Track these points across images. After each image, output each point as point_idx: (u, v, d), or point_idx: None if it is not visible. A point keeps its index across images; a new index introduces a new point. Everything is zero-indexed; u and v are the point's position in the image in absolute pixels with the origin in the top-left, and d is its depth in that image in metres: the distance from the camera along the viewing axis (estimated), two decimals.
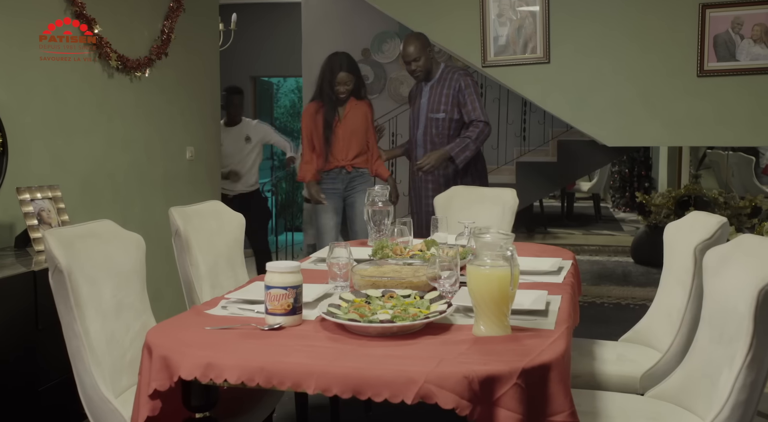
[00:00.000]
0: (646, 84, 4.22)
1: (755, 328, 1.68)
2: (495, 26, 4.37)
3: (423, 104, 4.19)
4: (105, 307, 2.12)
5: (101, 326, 2.08)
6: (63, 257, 1.97)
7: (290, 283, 1.82)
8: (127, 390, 2.13)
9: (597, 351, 2.56)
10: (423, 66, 4.12)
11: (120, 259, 2.25)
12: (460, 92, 4.07)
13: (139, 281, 2.31)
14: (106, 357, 2.07)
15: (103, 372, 2.00)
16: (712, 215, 2.50)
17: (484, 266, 1.72)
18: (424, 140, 4.18)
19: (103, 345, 2.07)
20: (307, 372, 1.53)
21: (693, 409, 1.97)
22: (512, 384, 1.46)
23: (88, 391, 1.98)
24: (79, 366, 1.98)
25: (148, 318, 2.32)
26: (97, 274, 2.11)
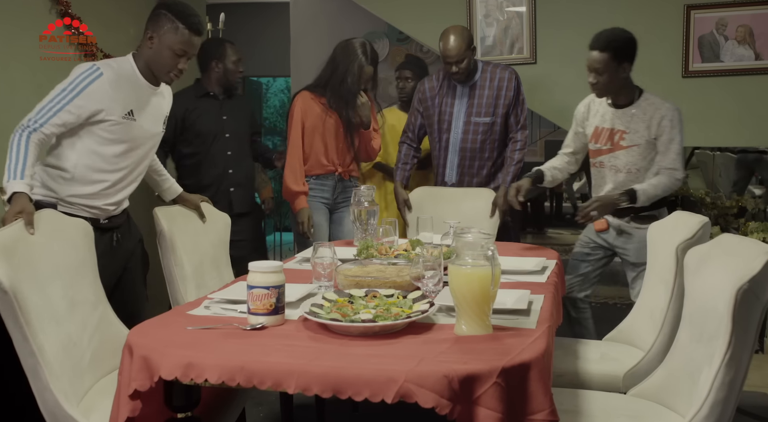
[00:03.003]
0: None
1: (733, 327, 1.69)
2: (482, 26, 4.38)
3: (461, 107, 3.60)
4: (56, 311, 2.00)
5: (55, 332, 1.96)
6: (5, 276, 1.79)
7: (272, 283, 1.82)
8: (90, 390, 2.06)
9: (580, 350, 2.57)
10: (466, 68, 3.51)
11: (67, 252, 2.13)
12: (508, 92, 3.56)
13: (90, 271, 2.23)
14: (65, 364, 1.96)
15: (63, 386, 1.89)
16: (695, 214, 2.51)
17: (465, 265, 1.73)
18: (461, 146, 3.62)
19: (60, 352, 1.95)
20: (287, 371, 1.53)
21: (674, 407, 1.99)
22: (492, 383, 1.47)
23: (51, 408, 1.87)
24: (38, 384, 1.86)
25: (104, 308, 2.25)
26: (44, 278, 1.99)
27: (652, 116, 2.85)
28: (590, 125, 3.06)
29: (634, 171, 2.95)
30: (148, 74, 2.53)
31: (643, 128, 2.87)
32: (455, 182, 3.67)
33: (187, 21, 2.44)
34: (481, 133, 3.59)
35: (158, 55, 2.47)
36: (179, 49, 2.45)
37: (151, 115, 2.58)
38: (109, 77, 2.41)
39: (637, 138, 2.89)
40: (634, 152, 2.92)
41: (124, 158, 2.53)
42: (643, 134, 2.87)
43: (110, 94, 2.40)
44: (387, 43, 7.63)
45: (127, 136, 2.49)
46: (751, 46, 3.94)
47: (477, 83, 3.60)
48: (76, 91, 2.36)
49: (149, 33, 2.48)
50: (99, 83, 2.39)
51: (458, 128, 3.63)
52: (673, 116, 2.85)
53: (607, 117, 2.97)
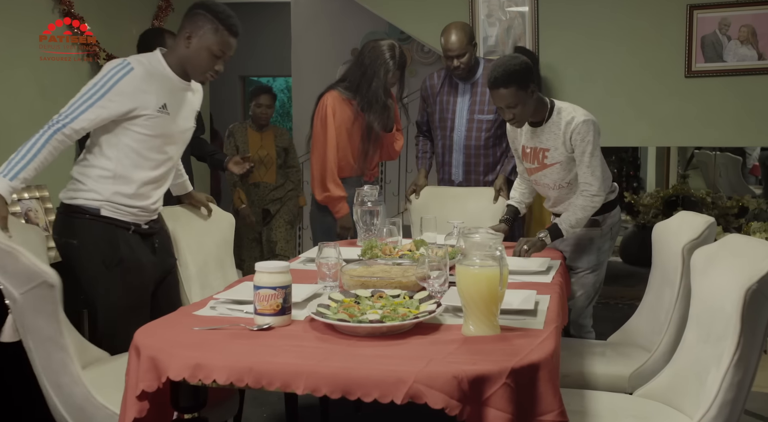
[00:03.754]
0: (635, 84, 4.23)
1: (742, 327, 1.68)
2: (484, 26, 4.38)
3: (463, 104, 3.56)
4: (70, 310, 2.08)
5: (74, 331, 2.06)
6: (50, 270, 1.90)
7: (279, 283, 1.81)
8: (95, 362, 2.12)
9: (586, 351, 2.57)
10: (467, 63, 3.48)
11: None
12: None
13: None
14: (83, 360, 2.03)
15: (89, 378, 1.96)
16: (700, 215, 2.51)
17: (473, 266, 1.72)
18: (465, 144, 3.57)
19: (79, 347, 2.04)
20: (296, 372, 1.52)
21: (681, 408, 1.98)
22: (501, 384, 1.47)
23: (79, 402, 1.92)
24: (64, 379, 1.92)
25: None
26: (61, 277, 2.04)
27: (564, 130, 2.75)
28: (519, 145, 2.98)
29: (565, 186, 2.88)
30: (180, 71, 2.47)
31: (560, 143, 2.78)
32: (462, 180, 3.62)
33: (227, 22, 2.39)
34: (485, 130, 3.53)
35: (196, 56, 2.41)
36: (218, 50, 2.40)
37: (184, 109, 2.54)
38: (140, 72, 2.36)
39: (558, 155, 2.80)
40: (558, 169, 2.84)
41: (161, 153, 2.49)
42: (562, 150, 2.79)
43: (142, 88, 2.36)
44: None
45: (163, 130, 2.45)
46: (754, 46, 3.94)
47: (479, 80, 3.54)
48: (107, 87, 2.32)
49: (187, 32, 2.40)
50: (130, 78, 2.34)
51: (461, 125, 3.57)
52: (581, 128, 2.72)
53: (529, 136, 2.88)
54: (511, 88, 2.63)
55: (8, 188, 2.20)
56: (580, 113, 2.76)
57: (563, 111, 2.77)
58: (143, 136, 2.41)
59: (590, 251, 2.94)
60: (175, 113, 2.48)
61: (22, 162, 2.23)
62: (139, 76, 2.35)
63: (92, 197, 2.42)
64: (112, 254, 2.41)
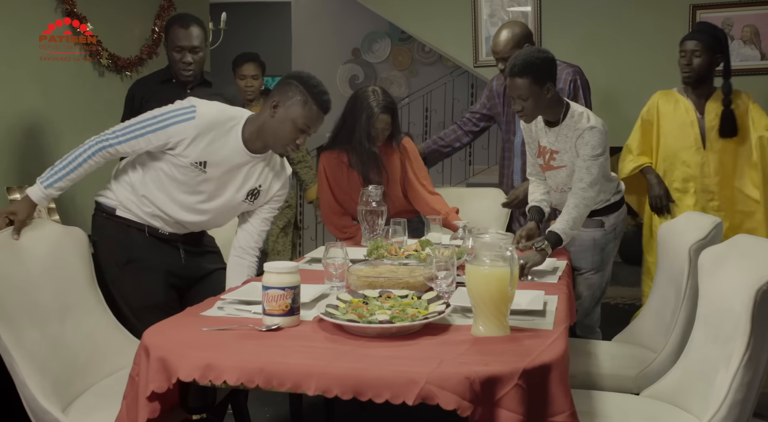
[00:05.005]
0: (637, 84, 4.23)
1: (752, 328, 1.68)
2: (487, 26, 4.38)
3: None
4: (43, 313, 2.05)
5: (41, 334, 2.00)
6: None
7: (288, 283, 1.81)
8: (82, 394, 2.09)
9: (591, 351, 2.57)
10: None
11: (57, 257, 2.17)
12: (570, 97, 3.25)
13: (85, 275, 2.26)
14: (50, 365, 2.00)
15: (44, 383, 1.94)
16: (706, 215, 2.51)
17: (483, 266, 1.72)
18: (522, 150, 3.31)
19: (47, 353, 1.99)
20: (307, 373, 1.52)
21: (689, 409, 1.98)
22: (513, 385, 1.46)
23: (30, 404, 1.92)
24: (16, 380, 1.92)
25: (101, 312, 2.28)
26: (31, 281, 2.04)
27: (573, 135, 2.71)
28: (535, 141, 2.91)
29: (567, 190, 2.80)
30: (254, 140, 2.36)
31: (569, 147, 2.73)
32: None
33: (318, 98, 2.30)
34: None
35: (279, 126, 2.30)
36: (303, 123, 2.29)
37: (230, 176, 2.40)
38: (199, 124, 2.29)
39: (566, 159, 2.76)
40: (563, 173, 2.80)
41: (183, 197, 2.41)
42: (571, 154, 2.74)
43: (190, 137, 2.29)
44: (389, 42, 7.64)
45: (191, 181, 2.37)
46: (757, 46, 3.95)
47: None
48: (162, 124, 2.30)
49: (274, 101, 2.31)
50: (186, 125, 2.29)
51: (521, 130, 3.22)
52: (586, 135, 2.67)
53: (543, 135, 2.83)
54: (525, 80, 2.59)
55: (42, 194, 2.23)
56: (591, 119, 2.73)
57: (576, 115, 2.74)
58: (169, 175, 2.36)
59: (594, 252, 2.93)
60: (216, 176, 2.38)
61: (63, 172, 2.28)
62: (194, 126, 2.29)
63: (111, 196, 2.45)
64: (122, 254, 2.42)
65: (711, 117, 3.37)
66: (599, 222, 2.89)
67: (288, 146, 2.34)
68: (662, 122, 3.44)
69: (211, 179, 2.38)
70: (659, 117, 3.45)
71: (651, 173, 3.43)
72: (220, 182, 2.40)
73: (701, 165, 3.37)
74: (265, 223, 2.60)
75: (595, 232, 2.90)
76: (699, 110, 3.39)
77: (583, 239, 2.89)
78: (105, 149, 2.30)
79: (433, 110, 7.60)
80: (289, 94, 2.30)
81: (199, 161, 2.32)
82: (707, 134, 3.37)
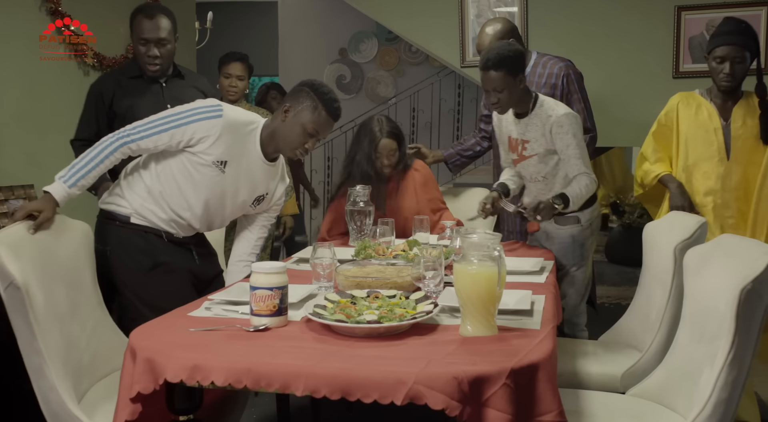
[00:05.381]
0: (623, 85, 4.25)
1: (737, 326, 1.70)
2: (473, 26, 4.38)
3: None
4: (60, 311, 2.02)
5: (59, 333, 1.99)
6: (19, 272, 1.84)
7: (276, 284, 1.81)
8: (87, 392, 2.07)
9: (577, 350, 2.58)
10: None
11: (69, 254, 2.16)
12: (564, 92, 3.25)
13: (89, 274, 2.24)
14: (68, 366, 1.98)
15: (67, 386, 1.91)
16: (691, 215, 2.53)
17: (471, 266, 1.73)
18: None
19: (63, 353, 1.98)
20: (295, 373, 1.52)
21: (674, 407, 2.00)
22: (501, 384, 1.47)
23: (54, 408, 1.88)
24: (42, 383, 1.88)
25: (102, 312, 2.26)
26: (49, 278, 2.01)
27: (545, 123, 2.78)
28: (505, 135, 3.00)
29: (541, 179, 2.89)
30: (267, 144, 2.42)
31: (539, 135, 2.81)
32: None
33: (328, 105, 2.36)
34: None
35: (289, 130, 2.37)
36: (312, 129, 2.35)
37: (245, 179, 2.44)
38: (226, 122, 2.32)
39: (537, 147, 2.83)
40: (535, 161, 2.86)
41: (197, 200, 2.41)
42: (541, 141, 2.81)
43: (215, 135, 2.31)
44: (376, 42, 7.64)
45: (209, 181, 2.38)
46: None
47: (528, 79, 3.15)
48: (188, 120, 2.30)
49: (286, 106, 2.38)
50: (213, 122, 2.30)
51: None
52: (563, 121, 2.75)
53: (513, 127, 2.92)
54: (501, 72, 2.69)
55: (65, 193, 2.19)
56: (561, 107, 2.83)
57: (545, 104, 2.83)
58: (189, 173, 2.36)
59: (574, 248, 2.95)
60: (233, 177, 2.40)
61: (85, 169, 2.24)
62: (221, 125, 2.31)
63: (123, 204, 2.41)
64: (145, 260, 2.39)
65: (738, 124, 2.97)
66: (575, 219, 2.92)
67: (297, 149, 2.40)
68: (682, 127, 3.07)
69: (227, 180, 2.40)
70: (679, 122, 3.08)
71: (672, 181, 3.05)
72: (234, 183, 2.43)
73: (723, 178, 2.97)
74: (264, 230, 2.67)
75: (572, 229, 2.94)
76: (723, 115, 3.00)
77: (562, 236, 2.93)
78: (126, 144, 2.28)
79: (420, 110, 7.61)
80: (300, 100, 2.36)
81: (221, 160, 2.36)
82: (732, 143, 2.96)
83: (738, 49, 2.88)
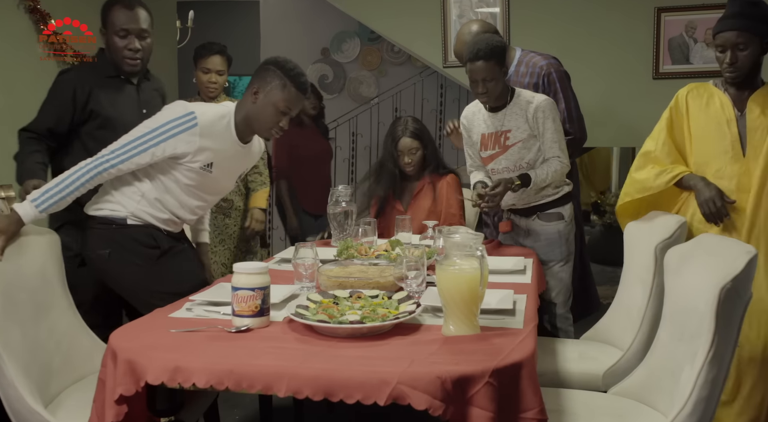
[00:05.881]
0: (604, 85, 4.28)
1: (717, 325, 1.71)
2: (456, 27, 4.39)
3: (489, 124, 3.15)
4: (21, 314, 2.03)
5: (22, 335, 1.99)
6: None
7: (258, 284, 1.80)
8: (58, 396, 2.07)
9: (559, 349, 2.59)
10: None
11: (35, 260, 2.16)
12: (546, 92, 3.14)
13: (57, 279, 2.23)
14: (32, 366, 1.99)
15: (29, 383, 1.92)
16: (672, 214, 2.55)
17: (453, 266, 1.73)
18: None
19: (27, 354, 1.99)
20: (277, 374, 1.51)
21: (655, 406, 2.01)
22: (484, 383, 1.47)
23: (14, 405, 1.89)
24: (2, 380, 1.89)
25: (73, 316, 2.26)
26: (11, 280, 2.03)
27: (526, 109, 2.86)
28: (476, 134, 3.04)
29: (524, 166, 2.92)
30: (243, 129, 2.43)
31: (522, 122, 2.88)
32: None
33: (295, 79, 2.36)
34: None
35: (262, 111, 2.37)
36: (284, 106, 2.36)
37: (228, 170, 2.51)
38: (202, 128, 2.32)
39: (520, 133, 2.89)
40: (519, 148, 2.91)
41: (189, 200, 2.46)
42: (524, 128, 2.88)
43: (198, 144, 2.32)
44: (358, 42, 7.62)
45: (198, 183, 2.42)
46: None
47: (510, 78, 3.18)
48: (165, 136, 2.29)
49: (254, 87, 2.38)
50: (191, 133, 2.30)
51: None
52: (545, 106, 2.86)
53: (489, 122, 2.96)
54: (491, 63, 2.75)
55: (33, 216, 2.16)
56: (540, 95, 2.93)
57: (522, 94, 2.93)
58: (178, 180, 2.38)
59: (560, 243, 2.98)
60: (218, 172, 2.43)
61: (59, 195, 2.21)
62: (199, 132, 2.31)
63: (117, 208, 2.39)
64: (151, 252, 2.40)
65: (755, 115, 2.51)
66: (559, 215, 2.97)
67: (272, 129, 2.41)
68: (692, 120, 2.63)
69: (215, 177, 2.44)
70: (689, 115, 2.64)
71: (693, 178, 2.56)
72: (221, 176, 2.48)
73: (739, 176, 2.50)
74: None
75: (558, 225, 2.98)
76: (738, 106, 2.55)
77: (549, 233, 2.96)
78: (107, 170, 2.26)
79: (403, 110, 7.60)
80: (268, 80, 2.36)
81: (207, 163, 2.38)
82: (749, 135, 2.51)
83: (738, 35, 2.46)
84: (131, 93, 2.74)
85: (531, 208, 3.00)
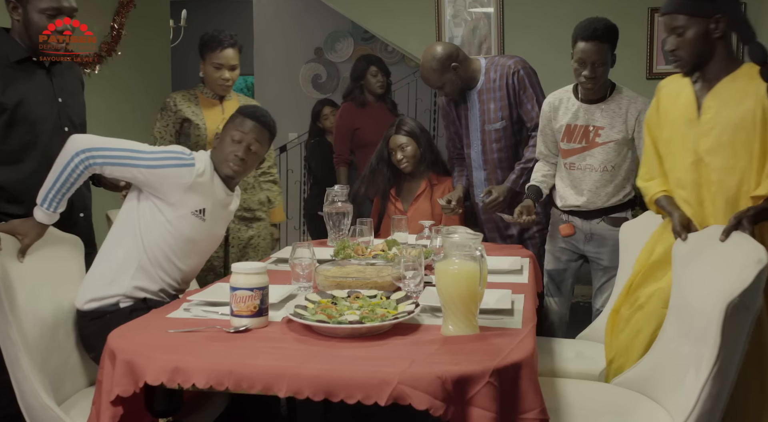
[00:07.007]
0: None
1: (722, 341, 1.67)
2: (450, 27, 4.40)
3: (474, 116, 3.17)
4: (43, 313, 2.07)
5: (39, 330, 2.02)
6: None
7: (256, 284, 1.79)
8: (72, 396, 2.09)
9: (555, 349, 2.59)
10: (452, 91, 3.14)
11: (58, 262, 2.20)
12: (516, 90, 3.07)
13: (79, 281, 2.26)
14: (48, 364, 2.01)
15: (44, 379, 1.93)
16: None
17: (452, 265, 1.73)
18: (483, 159, 3.18)
19: (44, 351, 2.01)
20: (277, 374, 1.51)
21: (657, 399, 2.00)
22: (485, 383, 1.47)
23: (28, 399, 1.90)
24: (18, 373, 1.90)
25: None
26: (36, 279, 2.07)
27: (628, 110, 2.67)
28: (559, 123, 2.83)
29: (609, 169, 2.75)
30: (220, 172, 2.39)
31: (620, 122, 2.68)
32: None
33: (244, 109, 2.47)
34: (495, 141, 3.13)
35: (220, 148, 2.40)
36: (239, 136, 2.37)
37: (220, 222, 2.48)
38: (197, 173, 2.29)
39: (614, 134, 2.69)
40: (610, 148, 2.72)
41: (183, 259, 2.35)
42: (620, 128, 2.68)
43: (186, 184, 2.27)
44: (351, 42, 7.62)
45: (194, 234, 2.33)
46: None
47: (483, 86, 3.12)
48: (158, 163, 2.25)
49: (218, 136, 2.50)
50: (182, 171, 2.27)
51: (476, 140, 3.18)
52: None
53: (579, 114, 2.76)
54: (606, 46, 2.60)
55: (50, 217, 2.17)
56: (643, 96, 2.72)
57: (624, 91, 2.74)
58: (172, 234, 2.28)
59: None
60: (211, 223, 2.39)
61: (61, 192, 2.18)
62: (193, 175, 2.28)
63: (107, 294, 2.22)
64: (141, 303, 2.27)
65: (710, 114, 2.10)
66: (625, 219, 2.79)
67: (229, 162, 2.36)
68: (662, 119, 2.27)
69: (208, 226, 2.38)
70: (659, 114, 2.29)
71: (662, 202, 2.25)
72: (213, 226, 2.43)
73: (700, 187, 2.15)
74: None
75: None
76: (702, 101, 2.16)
77: (615, 238, 2.75)
78: (92, 166, 2.21)
79: None
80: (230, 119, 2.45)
81: (198, 208, 2.32)
82: (701, 141, 2.12)
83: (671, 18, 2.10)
84: (43, 81, 2.44)
85: (596, 211, 2.82)
